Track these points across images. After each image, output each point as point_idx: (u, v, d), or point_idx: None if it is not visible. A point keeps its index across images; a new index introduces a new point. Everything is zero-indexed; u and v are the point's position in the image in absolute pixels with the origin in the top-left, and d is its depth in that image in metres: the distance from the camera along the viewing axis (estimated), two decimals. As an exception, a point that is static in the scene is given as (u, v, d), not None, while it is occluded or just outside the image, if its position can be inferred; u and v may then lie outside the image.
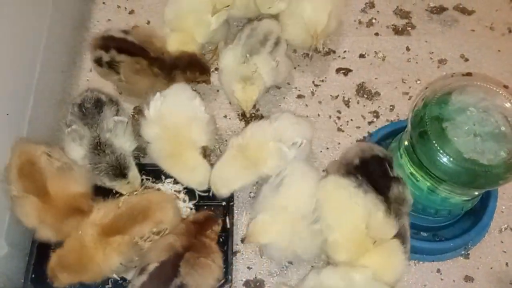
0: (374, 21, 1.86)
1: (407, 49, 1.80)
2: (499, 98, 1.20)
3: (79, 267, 1.18)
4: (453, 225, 1.43)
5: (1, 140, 1.30)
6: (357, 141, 1.61)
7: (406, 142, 1.30)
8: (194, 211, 1.43)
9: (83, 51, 1.76)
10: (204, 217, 1.28)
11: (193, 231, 1.22)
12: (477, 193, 1.32)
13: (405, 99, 1.70)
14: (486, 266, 1.42)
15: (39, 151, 1.26)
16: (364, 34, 1.84)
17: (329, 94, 1.70)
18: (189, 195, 1.45)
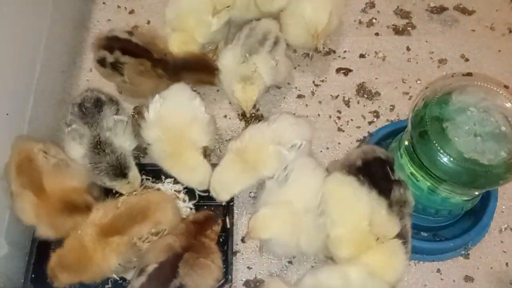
0: (374, 21, 1.86)
1: (408, 49, 1.80)
2: (500, 98, 1.20)
3: (78, 267, 1.18)
4: (453, 225, 1.43)
5: (1, 140, 1.30)
6: (357, 141, 1.61)
7: (406, 142, 1.30)
8: (194, 211, 1.43)
9: (83, 51, 1.76)
10: (204, 217, 1.28)
11: (193, 231, 1.22)
12: (477, 193, 1.31)
13: (405, 99, 1.70)
14: (486, 266, 1.42)
15: (36, 148, 1.27)
16: (364, 34, 1.83)
17: (329, 94, 1.70)
18: (189, 195, 1.45)
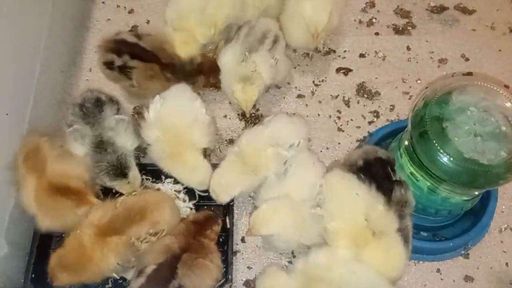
0: (374, 20, 1.86)
1: (408, 48, 1.80)
2: (500, 98, 1.20)
3: (78, 267, 1.18)
4: (453, 225, 1.43)
5: (1, 140, 1.30)
6: (357, 141, 1.61)
7: (406, 142, 1.30)
8: (194, 211, 1.43)
9: (83, 51, 1.76)
10: (204, 217, 1.28)
11: (193, 231, 1.22)
12: (477, 193, 1.31)
13: (405, 99, 1.70)
14: (486, 266, 1.42)
15: (43, 140, 1.31)
16: (365, 34, 1.83)
17: (329, 94, 1.70)
18: (189, 195, 1.45)
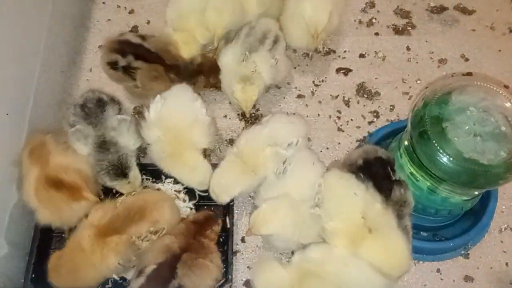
0: (374, 20, 1.86)
1: (407, 49, 1.80)
2: (500, 98, 1.20)
3: (76, 274, 1.19)
4: (453, 225, 1.43)
5: (1, 140, 1.30)
6: (357, 141, 1.61)
7: (406, 142, 1.30)
8: (194, 211, 1.43)
9: (83, 51, 1.76)
10: (204, 217, 1.28)
11: (193, 231, 1.22)
12: (477, 193, 1.31)
13: (405, 99, 1.70)
14: (486, 266, 1.42)
15: (48, 136, 1.33)
16: (364, 34, 1.83)
17: (329, 94, 1.70)
18: (189, 195, 1.45)
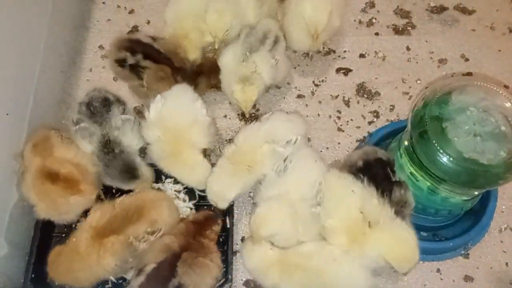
0: (374, 20, 1.86)
1: (407, 48, 1.80)
2: (499, 98, 1.20)
3: (72, 274, 1.20)
4: (453, 225, 1.43)
5: (1, 140, 1.30)
6: (357, 141, 1.61)
7: (406, 142, 1.30)
8: (194, 211, 1.43)
9: (83, 51, 1.76)
10: (204, 217, 1.28)
11: (193, 231, 1.22)
12: (477, 193, 1.31)
13: (405, 99, 1.70)
14: (486, 266, 1.42)
15: (53, 131, 1.34)
16: (364, 34, 1.83)
17: (329, 94, 1.70)
18: (189, 195, 1.45)
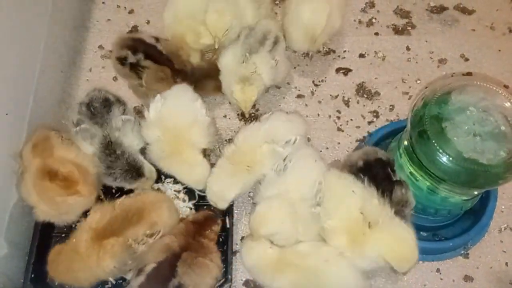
0: (374, 20, 1.86)
1: (407, 48, 1.80)
2: (499, 98, 1.20)
3: (72, 273, 1.20)
4: (452, 224, 1.43)
5: (1, 140, 1.30)
6: (357, 141, 1.61)
7: (405, 142, 1.30)
8: (193, 211, 1.43)
9: (83, 51, 1.76)
10: (203, 217, 1.28)
11: (192, 231, 1.22)
12: (476, 192, 1.32)
13: (405, 99, 1.70)
14: (485, 265, 1.42)
15: (53, 132, 1.34)
16: (364, 34, 1.83)
17: (329, 94, 1.70)
18: (189, 195, 1.45)
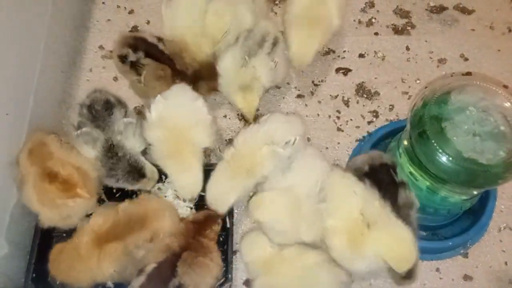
0: (374, 20, 1.86)
1: (407, 48, 1.80)
2: (499, 98, 1.20)
3: (73, 273, 1.20)
4: (452, 224, 1.43)
5: (1, 140, 1.30)
6: (356, 141, 1.62)
7: (405, 142, 1.31)
8: (194, 211, 1.43)
9: (83, 51, 1.76)
10: (203, 217, 1.28)
11: (192, 231, 1.23)
12: (476, 192, 1.32)
13: (404, 99, 1.70)
14: (485, 265, 1.42)
15: (51, 137, 1.32)
16: (364, 34, 1.84)
17: (328, 94, 1.71)
18: (189, 194, 1.45)
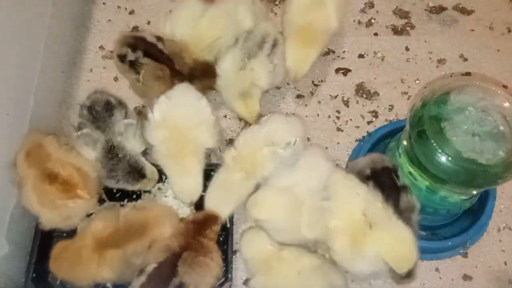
0: (373, 21, 1.87)
1: (406, 49, 1.81)
2: (498, 98, 1.21)
3: (73, 273, 1.20)
4: (451, 224, 1.43)
5: (1, 140, 1.30)
6: (356, 141, 1.62)
7: (405, 142, 1.31)
8: (194, 211, 1.43)
9: (83, 52, 1.76)
10: (203, 217, 1.28)
11: (192, 231, 1.23)
12: (475, 192, 1.32)
13: (404, 99, 1.70)
14: (484, 265, 1.42)
15: (48, 138, 1.31)
16: (364, 34, 1.84)
17: (328, 94, 1.71)
18: (189, 194, 1.45)
